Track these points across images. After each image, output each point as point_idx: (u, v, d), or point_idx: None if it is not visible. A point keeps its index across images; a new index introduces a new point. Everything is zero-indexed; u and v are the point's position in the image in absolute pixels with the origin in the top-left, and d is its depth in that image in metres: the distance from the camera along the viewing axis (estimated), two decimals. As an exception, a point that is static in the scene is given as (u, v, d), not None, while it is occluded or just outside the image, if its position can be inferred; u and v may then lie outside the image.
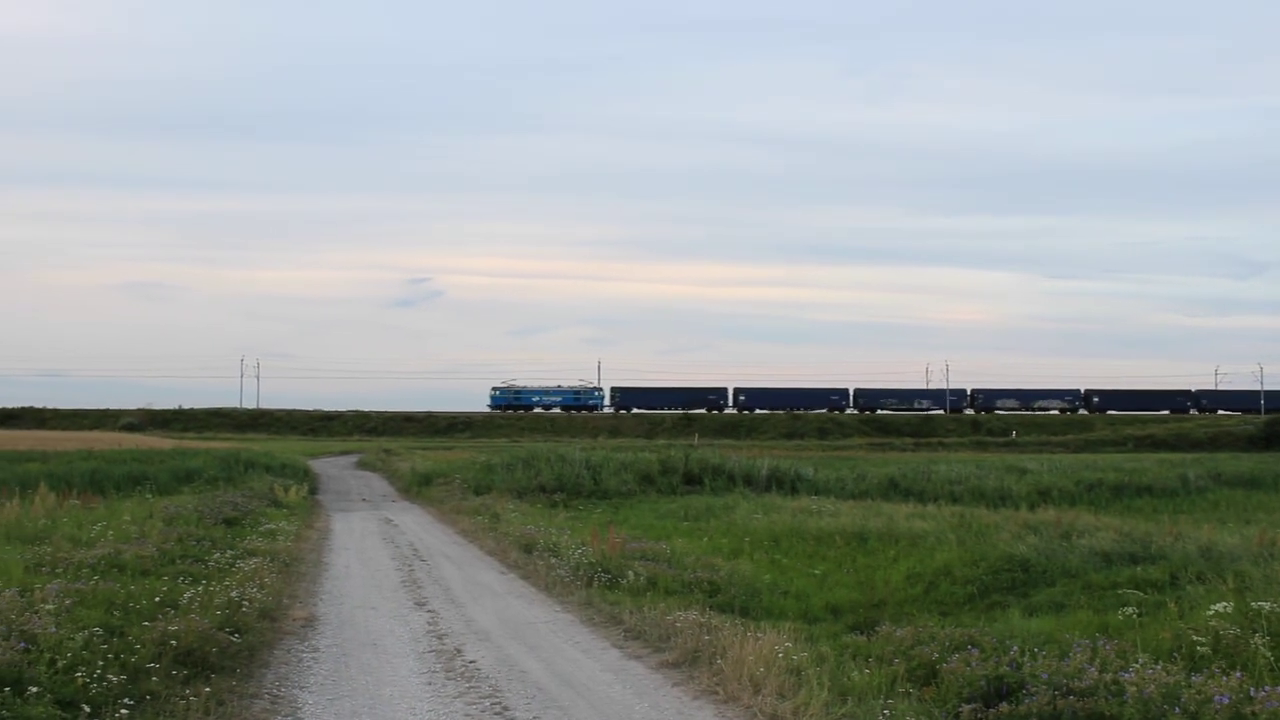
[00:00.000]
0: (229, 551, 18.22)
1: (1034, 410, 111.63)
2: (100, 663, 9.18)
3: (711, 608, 13.96)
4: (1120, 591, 14.53)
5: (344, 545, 23.04)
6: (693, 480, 35.64)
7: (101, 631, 10.16)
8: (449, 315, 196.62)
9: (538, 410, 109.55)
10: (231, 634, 11.50)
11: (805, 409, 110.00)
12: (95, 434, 71.63)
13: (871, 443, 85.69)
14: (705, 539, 21.93)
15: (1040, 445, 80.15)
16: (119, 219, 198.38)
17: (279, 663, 11.51)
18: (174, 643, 10.29)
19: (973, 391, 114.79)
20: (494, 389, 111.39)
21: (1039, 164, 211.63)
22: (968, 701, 8.91)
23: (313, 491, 38.45)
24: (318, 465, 51.87)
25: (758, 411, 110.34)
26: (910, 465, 43.13)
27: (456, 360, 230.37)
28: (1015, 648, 10.06)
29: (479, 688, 10.44)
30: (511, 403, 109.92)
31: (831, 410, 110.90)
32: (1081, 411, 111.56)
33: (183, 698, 9.20)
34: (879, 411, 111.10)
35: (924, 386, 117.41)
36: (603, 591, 15.50)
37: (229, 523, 23.41)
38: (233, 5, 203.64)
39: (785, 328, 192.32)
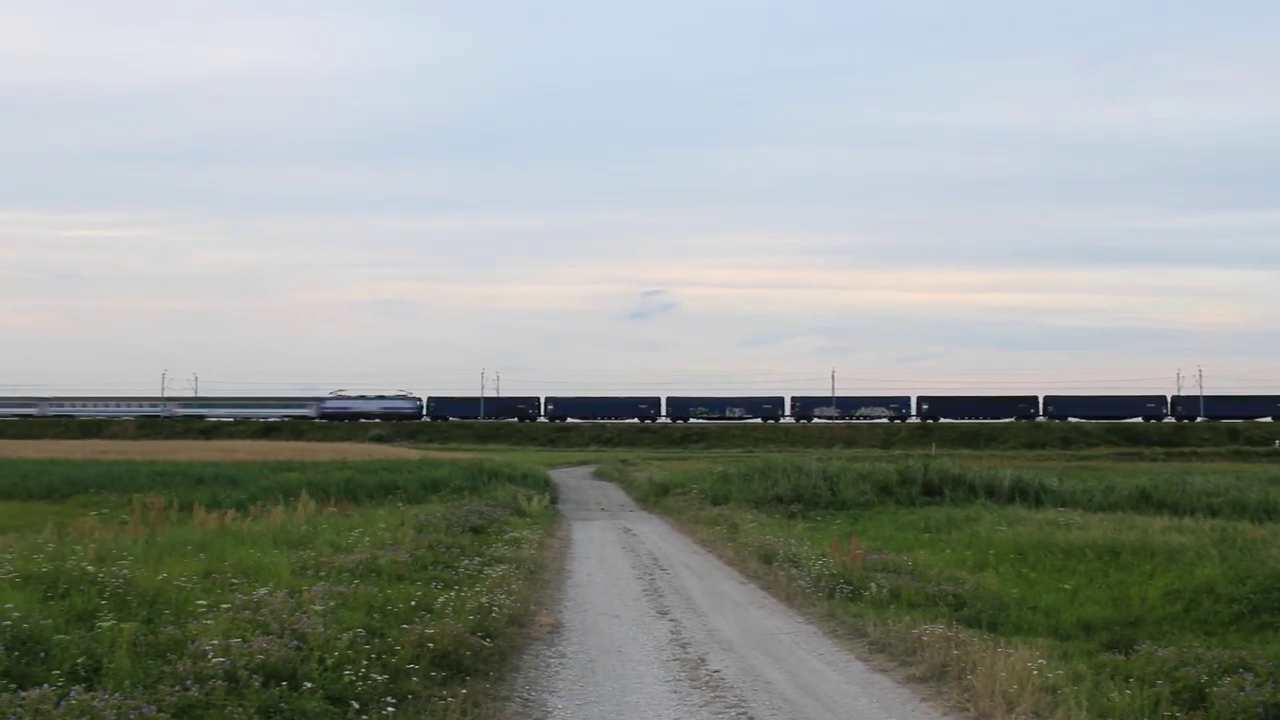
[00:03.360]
0: (477, 558, 18.83)
1: (856, 419, 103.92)
2: (364, 662, 9.61)
3: (957, 621, 13.63)
4: None
5: (585, 554, 23.49)
6: (932, 491, 34.86)
7: (364, 632, 10.64)
8: (681, 327, 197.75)
9: (361, 420, 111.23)
10: (483, 638, 11.91)
11: (615, 418, 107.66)
12: (347, 445, 75.27)
13: (1119, 452, 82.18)
14: (948, 551, 21.41)
15: (1307, 455, 75.30)
16: (367, 240, 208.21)
17: (528, 667, 11.82)
18: (431, 645, 10.73)
19: (793, 399, 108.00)
20: (321, 400, 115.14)
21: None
22: (1242, 727, 8.44)
23: (553, 501, 39.30)
24: (556, 475, 52.96)
25: (569, 420, 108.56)
26: (1161, 476, 41.05)
27: (689, 371, 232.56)
28: (1294, 672, 9.48)
29: (724, 697, 10.47)
30: (336, 412, 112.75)
31: (642, 419, 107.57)
32: (912, 420, 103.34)
33: (441, 698, 9.57)
34: (690, 420, 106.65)
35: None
36: (845, 603, 15.36)
37: (475, 531, 24.20)
38: (471, 33, 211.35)
39: (1018, 333, 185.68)
